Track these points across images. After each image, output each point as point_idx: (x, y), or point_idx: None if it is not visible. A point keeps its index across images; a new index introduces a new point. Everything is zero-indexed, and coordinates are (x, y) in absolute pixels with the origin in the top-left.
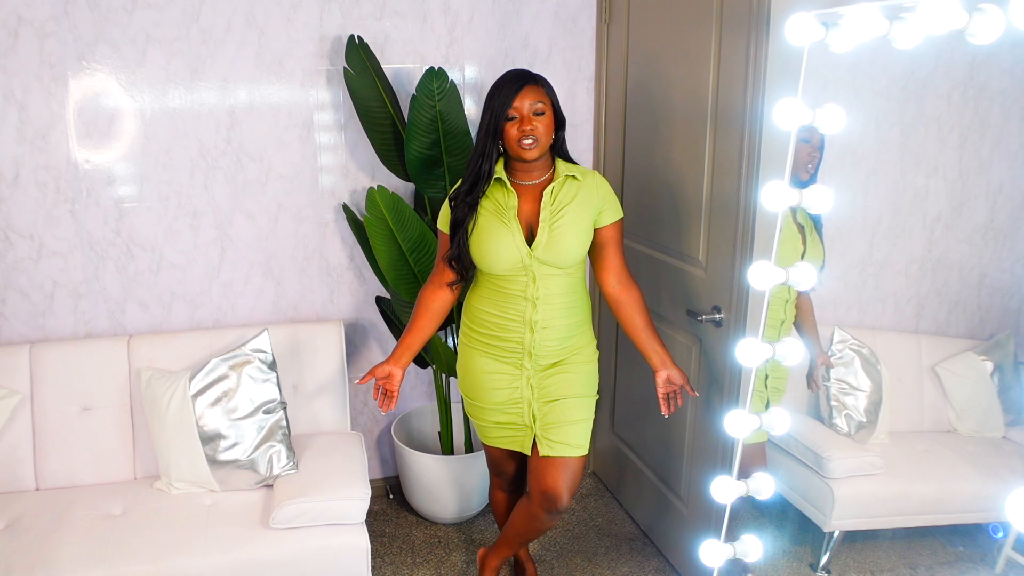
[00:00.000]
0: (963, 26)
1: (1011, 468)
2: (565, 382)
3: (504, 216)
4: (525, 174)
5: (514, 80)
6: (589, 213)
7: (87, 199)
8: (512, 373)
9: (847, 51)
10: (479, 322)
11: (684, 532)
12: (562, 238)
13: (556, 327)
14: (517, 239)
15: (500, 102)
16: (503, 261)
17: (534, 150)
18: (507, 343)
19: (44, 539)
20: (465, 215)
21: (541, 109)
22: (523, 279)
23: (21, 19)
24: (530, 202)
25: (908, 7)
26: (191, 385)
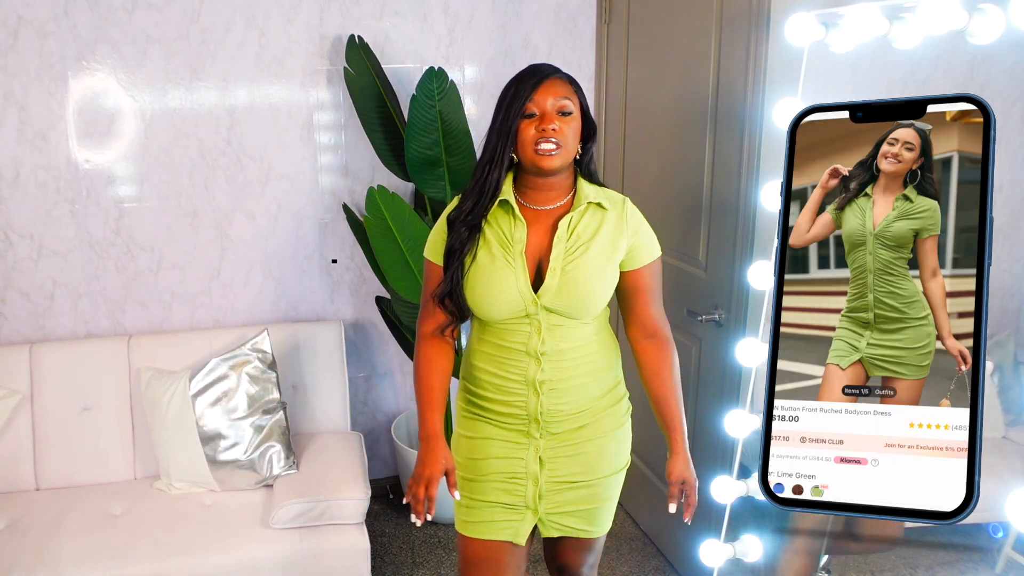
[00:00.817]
0: (963, 26)
1: (1011, 468)
2: (586, 460)
3: (508, 251)
4: (539, 195)
5: (536, 72)
6: (615, 251)
7: (87, 199)
8: (517, 442)
9: (847, 51)
10: (477, 382)
11: (684, 532)
12: (577, 282)
13: (571, 388)
14: (520, 282)
15: (517, 96)
16: (501, 306)
17: (556, 157)
18: (510, 408)
19: (44, 539)
20: (464, 243)
21: (568, 108)
22: (526, 329)
23: (21, 19)
24: (542, 233)
25: (908, 7)
26: (191, 385)
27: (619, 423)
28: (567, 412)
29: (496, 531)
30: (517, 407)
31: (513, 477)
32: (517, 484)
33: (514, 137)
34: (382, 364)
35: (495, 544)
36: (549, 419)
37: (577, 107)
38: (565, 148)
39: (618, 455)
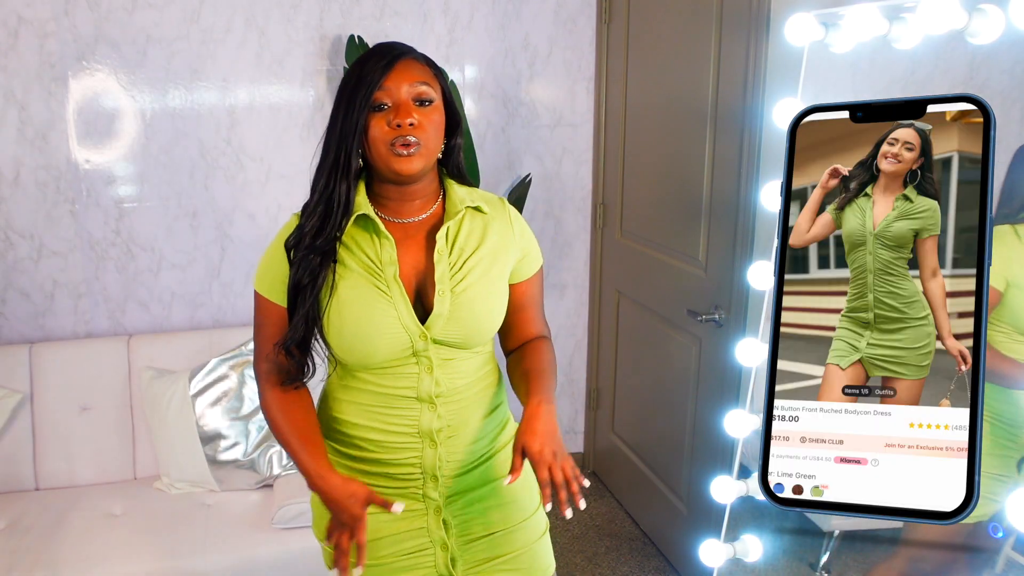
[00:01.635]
0: (963, 26)
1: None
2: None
3: (379, 278)
4: (400, 205)
5: (385, 51)
6: (507, 264)
7: (87, 199)
8: (413, 509)
9: (847, 51)
10: (346, 441)
11: (684, 532)
12: (472, 305)
13: (467, 433)
14: (403, 312)
15: (363, 82)
16: (381, 348)
17: (416, 158)
18: (396, 469)
19: (44, 539)
20: (316, 274)
21: (427, 95)
22: (412, 371)
23: (21, 19)
24: (415, 251)
25: (908, 7)
26: (191, 385)
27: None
28: (466, 462)
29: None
30: (408, 465)
31: (417, 551)
32: (424, 556)
33: (362, 135)
34: None
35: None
36: (449, 472)
37: (439, 94)
38: (426, 147)
39: (527, 494)
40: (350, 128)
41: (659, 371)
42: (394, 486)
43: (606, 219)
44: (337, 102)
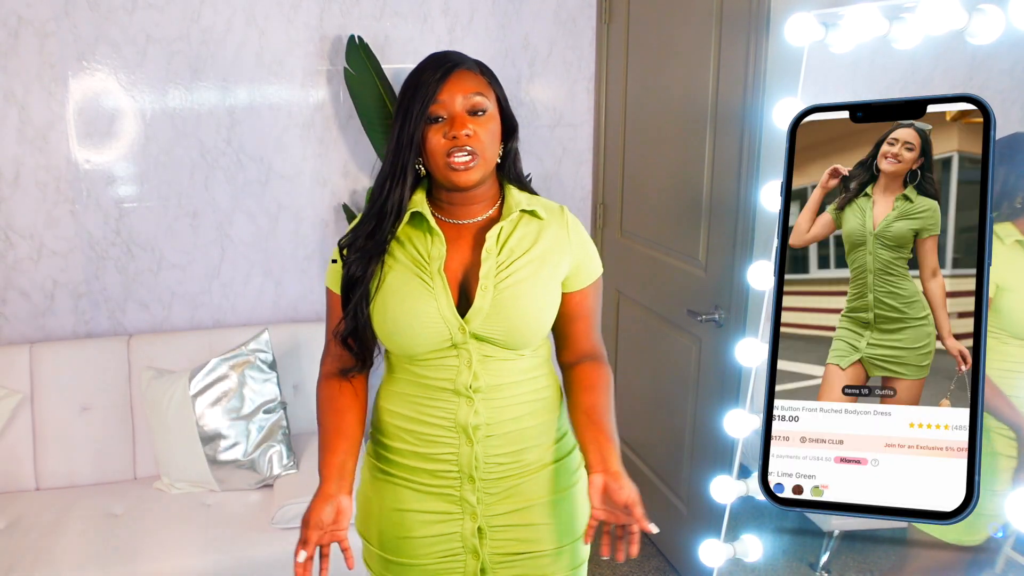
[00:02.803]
0: (963, 26)
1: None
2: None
3: (424, 270)
4: (457, 208)
5: (439, 63)
6: (557, 268)
7: (87, 199)
8: (449, 512)
9: (847, 51)
10: (390, 432)
11: (684, 532)
12: (514, 303)
13: (510, 434)
14: (443, 305)
15: (418, 96)
16: (420, 337)
17: (473, 170)
18: (434, 463)
19: (44, 539)
20: (365, 269)
21: (481, 106)
22: (452, 363)
23: (21, 19)
24: (465, 249)
25: (908, 7)
26: (191, 385)
27: (573, 479)
28: (509, 466)
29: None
30: (445, 461)
31: (448, 556)
32: (455, 562)
33: (419, 147)
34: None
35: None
36: (487, 475)
37: (494, 102)
38: (483, 157)
39: (578, 518)
40: (407, 140)
41: (659, 371)
42: (433, 484)
43: (606, 219)
44: (396, 113)
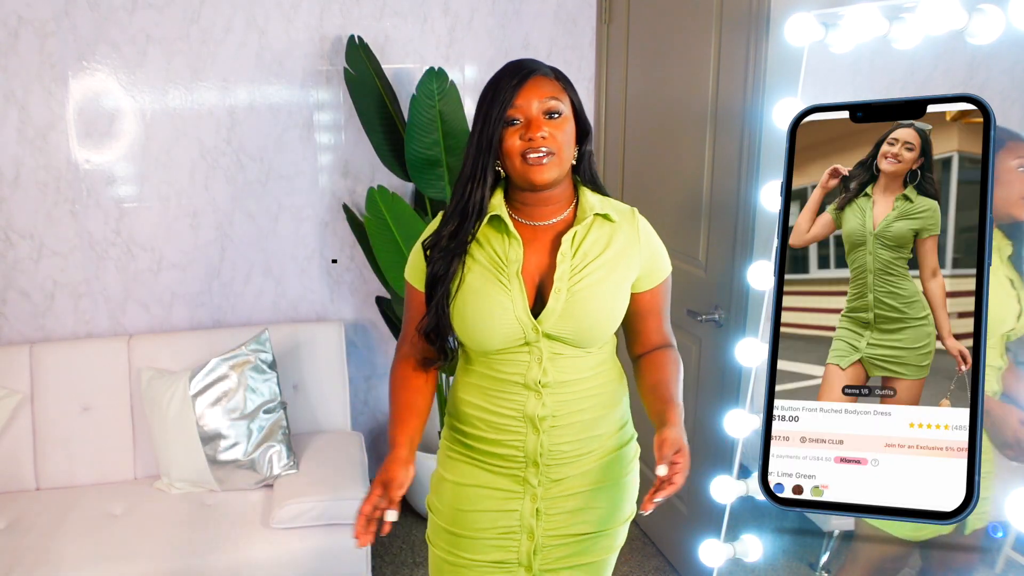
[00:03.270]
0: (963, 26)
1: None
2: (593, 513)
3: (502, 272)
4: (535, 210)
5: (516, 70)
6: (628, 270)
7: (87, 199)
8: (513, 491)
9: (847, 51)
10: (464, 418)
11: (684, 532)
12: (585, 305)
13: (575, 425)
14: (518, 306)
15: (497, 100)
16: (495, 335)
17: (549, 168)
18: (504, 449)
19: (44, 539)
20: (447, 269)
21: (556, 109)
22: (524, 359)
23: (21, 19)
24: (541, 252)
25: (908, 7)
26: (191, 385)
27: (627, 469)
28: (571, 454)
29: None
30: (513, 447)
31: (507, 532)
32: (511, 540)
33: (497, 149)
34: (382, 364)
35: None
36: (550, 461)
37: (568, 106)
38: (558, 156)
39: (624, 506)
40: (485, 143)
41: None
42: (501, 465)
43: None
44: (475, 118)
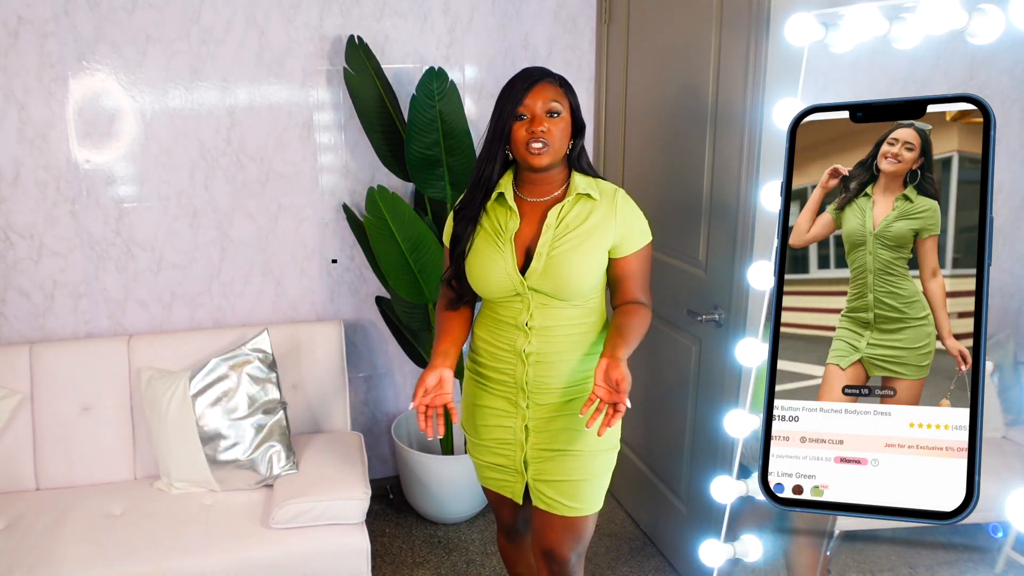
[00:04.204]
0: (963, 26)
1: (1011, 468)
2: (568, 433)
3: (499, 238)
4: (534, 188)
5: (527, 76)
6: (602, 240)
7: (87, 199)
8: (507, 410)
9: (847, 51)
10: (478, 349)
11: (684, 532)
12: (561, 267)
13: (557, 363)
14: (508, 265)
15: (510, 100)
16: (493, 286)
17: (544, 155)
18: (502, 375)
19: (44, 539)
20: (464, 231)
21: (556, 109)
22: (517, 306)
23: (21, 19)
24: (534, 223)
25: (908, 7)
26: (191, 385)
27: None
28: (552, 385)
29: (499, 487)
30: (507, 375)
31: (504, 442)
32: (508, 448)
33: (507, 137)
34: (382, 364)
35: (502, 495)
36: (534, 389)
37: (566, 108)
38: (553, 147)
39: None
40: (498, 132)
41: (659, 371)
42: (498, 389)
43: None
44: (493, 112)
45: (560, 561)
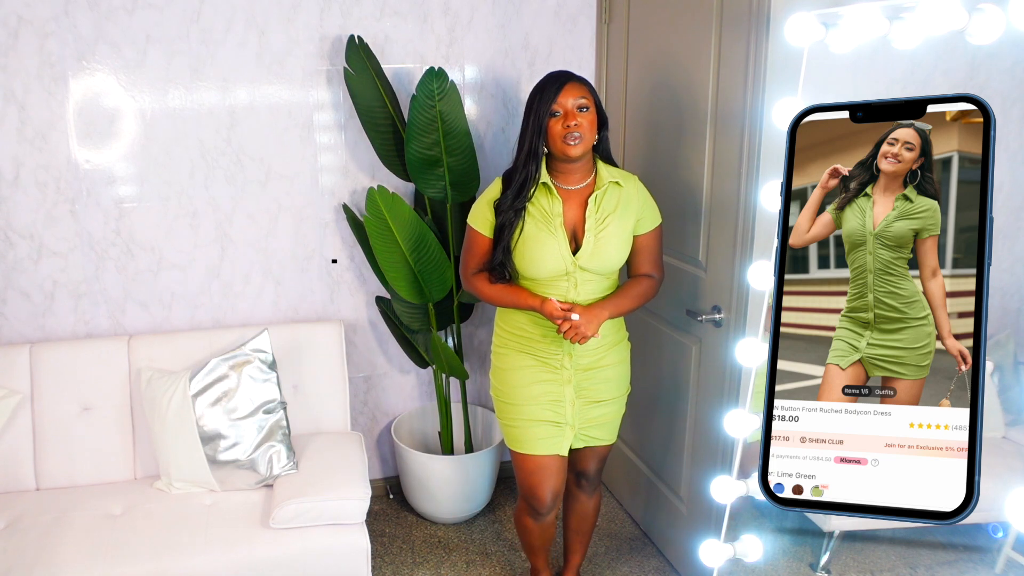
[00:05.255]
0: (963, 26)
1: (1011, 468)
2: (605, 386)
3: (550, 224)
4: (567, 176)
5: (556, 78)
6: (630, 221)
7: (87, 199)
8: (552, 371)
9: (847, 51)
10: (517, 325)
11: (684, 532)
12: (606, 247)
13: None
14: (563, 248)
15: (544, 100)
16: (547, 268)
17: (579, 146)
18: (547, 344)
19: (44, 539)
20: (513, 221)
21: (585, 104)
22: (564, 284)
23: (21, 19)
24: (573, 208)
25: (908, 7)
26: (191, 385)
27: (624, 358)
28: (591, 348)
29: (546, 447)
30: (555, 344)
31: (555, 400)
32: (559, 405)
33: (545, 133)
34: (382, 364)
35: (546, 457)
36: (578, 354)
37: (592, 103)
38: (586, 137)
39: (623, 381)
40: (536, 128)
41: (659, 371)
42: (544, 356)
43: None
44: (527, 113)
45: (592, 477)
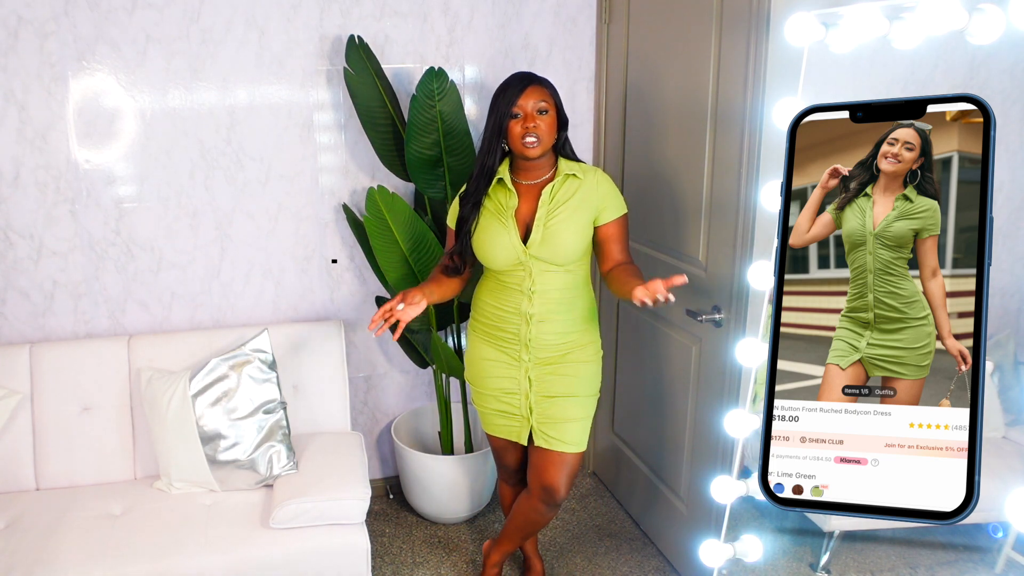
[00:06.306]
0: (963, 26)
1: (1011, 468)
2: (564, 380)
3: (503, 216)
4: (528, 173)
5: (519, 81)
6: (588, 211)
7: (87, 199)
8: (511, 363)
9: (847, 51)
10: (482, 312)
11: (684, 532)
12: (556, 235)
13: (554, 321)
14: (513, 238)
15: (505, 101)
16: (500, 258)
17: (536, 148)
18: (506, 334)
19: (44, 539)
20: (470, 213)
21: (544, 108)
22: (520, 274)
23: (21, 19)
24: (531, 201)
25: (908, 7)
26: (191, 385)
27: (591, 359)
28: (550, 341)
29: (504, 432)
30: (512, 333)
31: (508, 392)
32: (512, 396)
33: (505, 133)
34: (382, 364)
35: (506, 440)
36: (535, 345)
37: (552, 106)
38: (543, 139)
39: (589, 383)
40: (496, 128)
41: (659, 371)
42: (504, 345)
43: None
44: (490, 112)
45: (555, 492)
